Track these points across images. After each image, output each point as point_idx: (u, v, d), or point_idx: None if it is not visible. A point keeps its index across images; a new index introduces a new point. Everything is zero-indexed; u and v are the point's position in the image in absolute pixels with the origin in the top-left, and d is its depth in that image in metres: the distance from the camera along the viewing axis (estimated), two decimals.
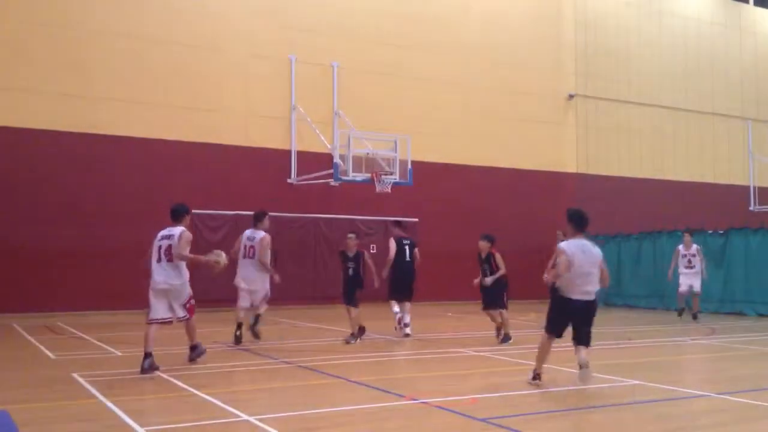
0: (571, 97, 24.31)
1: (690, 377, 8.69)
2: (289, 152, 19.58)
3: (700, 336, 13.26)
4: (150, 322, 8.78)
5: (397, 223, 13.50)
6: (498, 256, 11.84)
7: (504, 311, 11.75)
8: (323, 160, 18.87)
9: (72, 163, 17.13)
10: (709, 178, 27.02)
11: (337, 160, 17.50)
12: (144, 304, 17.62)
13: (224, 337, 12.46)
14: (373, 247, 19.53)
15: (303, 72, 19.78)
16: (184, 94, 18.42)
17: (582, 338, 7.78)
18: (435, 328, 14.13)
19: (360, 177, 17.44)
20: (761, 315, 17.22)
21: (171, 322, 9.02)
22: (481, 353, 10.41)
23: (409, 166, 17.88)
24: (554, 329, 7.86)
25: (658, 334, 13.42)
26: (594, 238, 22.39)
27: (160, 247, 9.03)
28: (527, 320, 16.21)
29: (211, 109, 18.70)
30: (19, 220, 16.39)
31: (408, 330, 12.34)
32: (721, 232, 18.86)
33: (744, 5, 28.93)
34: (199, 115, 18.56)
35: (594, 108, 24.78)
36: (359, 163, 17.42)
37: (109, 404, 6.65)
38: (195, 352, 9.43)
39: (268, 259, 12.20)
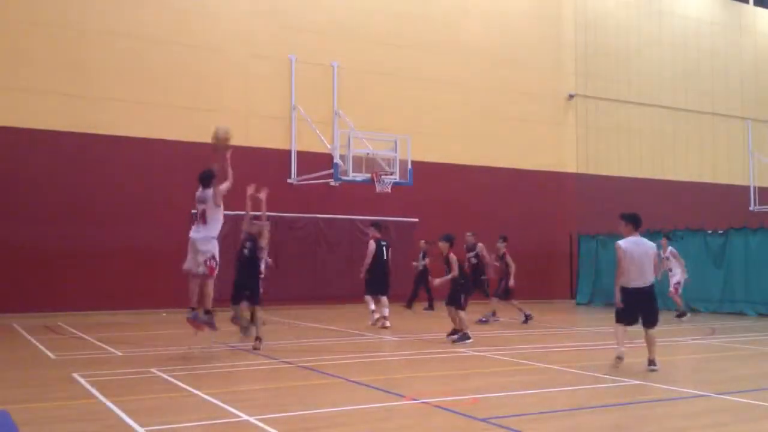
0: (571, 97, 24.32)
1: (690, 377, 8.69)
2: (289, 152, 19.58)
3: (700, 336, 13.26)
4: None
5: (375, 225, 14.76)
6: (452, 257, 12.14)
7: (461, 312, 11.79)
8: (323, 160, 18.87)
9: (72, 163, 17.13)
10: (709, 178, 27.02)
11: (337, 160, 17.50)
12: (143, 304, 17.54)
13: (224, 337, 12.45)
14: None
15: (303, 72, 19.78)
16: (184, 94, 18.42)
17: (648, 321, 8.99)
18: (435, 328, 14.13)
19: (360, 177, 17.45)
20: (761, 315, 17.22)
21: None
22: (481, 353, 10.41)
23: (409, 166, 17.89)
24: (622, 319, 9.07)
25: (658, 334, 13.40)
26: (594, 238, 22.47)
27: (199, 210, 10.34)
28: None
29: (211, 109, 18.70)
30: (19, 220, 16.39)
31: (387, 323, 13.63)
32: (721, 232, 18.86)
33: (744, 5, 28.94)
34: (199, 115, 18.56)
35: (594, 108, 24.78)
36: (359, 163, 17.42)
37: (109, 404, 6.65)
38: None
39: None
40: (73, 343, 11.77)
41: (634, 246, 8.90)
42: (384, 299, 13.87)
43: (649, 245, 9.02)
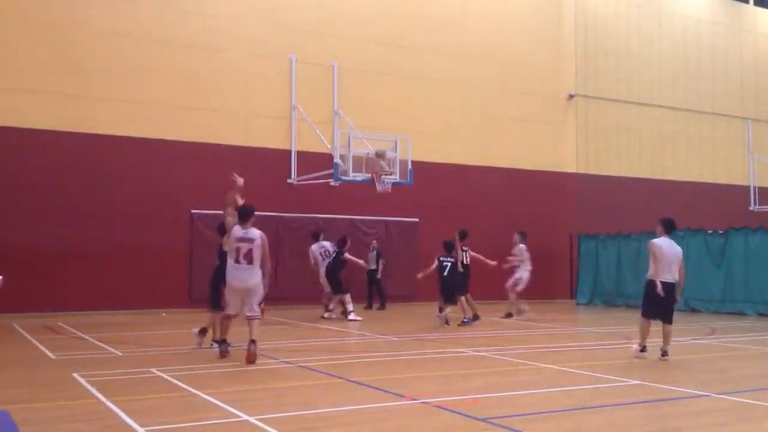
0: (571, 97, 24.31)
1: (690, 377, 8.69)
2: (289, 152, 19.58)
3: (700, 336, 13.26)
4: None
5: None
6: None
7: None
8: (323, 160, 18.87)
9: (72, 163, 17.13)
10: (709, 178, 27.02)
11: (337, 160, 17.50)
12: (143, 304, 17.52)
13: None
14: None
15: (303, 72, 19.78)
16: (184, 94, 18.41)
17: (668, 316, 10.04)
18: (434, 328, 14.13)
19: (360, 177, 17.44)
20: (761, 315, 17.22)
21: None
22: (481, 353, 10.41)
23: (409, 166, 17.88)
24: (648, 312, 10.13)
25: (658, 334, 13.40)
26: (594, 238, 22.46)
27: (240, 248, 9.52)
28: (528, 320, 16.22)
29: (211, 109, 18.71)
30: (19, 220, 16.39)
31: (352, 316, 15.62)
32: (721, 232, 18.86)
33: (744, 5, 28.94)
34: (199, 115, 18.56)
35: (594, 108, 24.78)
36: (359, 163, 17.42)
37: (109, 404, 6.65)
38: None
39: None
40: (73, 343, 11.77)
41: (667, 245, 9.99)
42: (337, 297, 16.16)
43: (678, 248, 10.12)
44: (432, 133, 21.28)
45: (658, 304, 9.98)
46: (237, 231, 9.48)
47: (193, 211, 18.28)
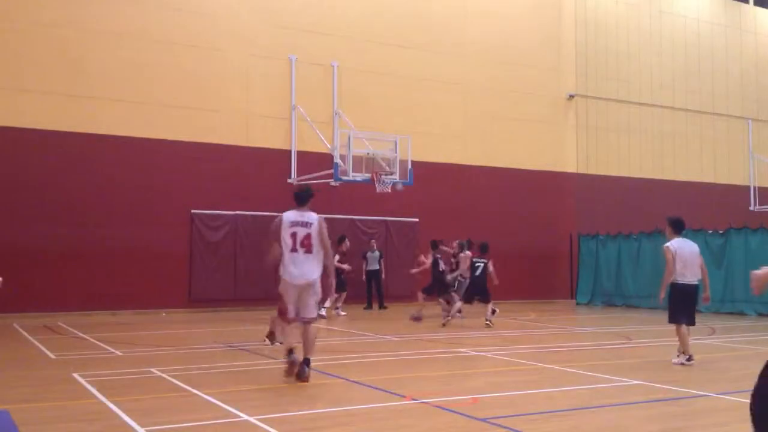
0: (571, 97, 24.31)
1: (690, 377, 8.69)
2: (289, 152, 19.58)
3: (700, 336, 13.25)
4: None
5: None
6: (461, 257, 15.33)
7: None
8: (323, 160, 18.87)
9: (72, 163, 17.13)
10: (709, 178, 27.02)
11: (337, 160, 17.50)
12: (143, 304, 17.54)
13: (225, 337, 12.46)
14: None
15: (303, 72, 19.78)
16: (184, 94, 18.42)
17: (692, 319, 9.66)
18: (435, 328, 14.13)
19: (360, 177, 17.44)
20: (761, 315, 17.22)
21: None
22: (481, 353, 10.41)
23: (409, 166, 17.88)
24: (677, 317, 9.57)
25: (658, 334, 13.41)
26: (594, 238, 22.45)
27: (295, 234, 8.01)
28: (528, 320, 16.22)
29: (211, 109, 18.71)
30: (19, 220, 16.40)
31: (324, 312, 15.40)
32: (721, 232, 18.85)
33: (744, 5, 28.94)
34: (199, 115, 18.56)
35: (594, 108, 24.78)
36: (359, 163, 17.42)
37: (109, 404, 6.65)
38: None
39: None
40: (73, 343, 11.77)
41: (682, 245, 9.62)
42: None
43: (694, 246, 9.71)
44: (432, 133, 21.29)
45: (686, 307, 9.60)
46: (290, 215, 8.11)
47: (193, 211, 18.28)
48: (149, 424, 5.86)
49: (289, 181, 19.47)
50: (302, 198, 8.33)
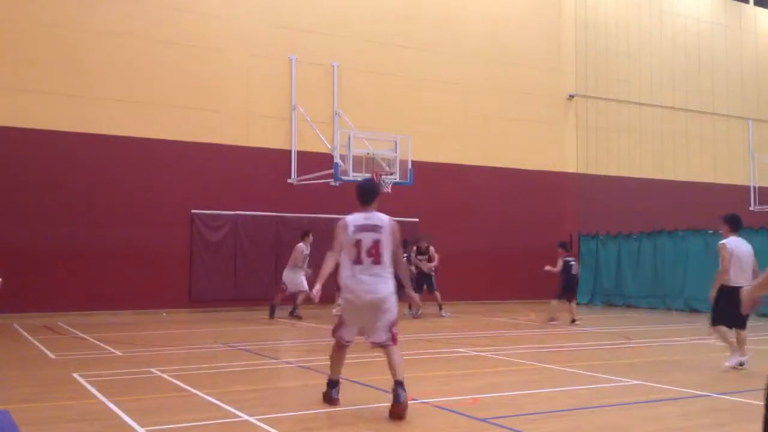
0: (571, 97, 24.31)
1: (690, 377, 8.68)
2: (289, 152, 19.57)
3: (701, 336, 13.25)
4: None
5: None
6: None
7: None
8: (323, 160, 18.85)
9: (72, 163, 17.12)
10: (709, 178, 27.01)
11: (337, 160, 17.49)
12: (144, 304, 17.53)
13: (225, 337, 12.46)
14: None
15: (303, 72, 19.78)
16: (184, 94, 18.41)
17: (743, 322, 9.18)
18: (434, 328, 14.13)
19: (360, 177, 17.42)
20: (762, 315, 17.21)
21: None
22: (481, 353, 10.41)
23: (410, 166, 17.87)
24: (720, 320, 9.17)
25: (658, 334, 13.42)
26: (594, 238, 22.43)
27: (360, 241, 6.52)
28: (528, 320, 16.22)
29: (211, 109, 18.70)
30: (19, 220, 16.39)
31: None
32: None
33: (744, 5, 28.93)
34: (199, 115, 18.56)
35: (594, 108, 24.78)
36: (359, 163, 17.41)
37: (109, 404, 6.66)
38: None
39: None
40: (73, 343, 11.78)
41: (738, 244, 9.24)
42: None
43: (749, 246, 9.35)
44: (432, 133, 21.28)
45: (733, 311, 8.89)
46: (356, 218, 6.60)
47: (193, 211, 18.28)
48: (149, 424, 5.86)
49: (289, 181, 19.47)
50: (368, 194, 6.70)
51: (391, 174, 17.48)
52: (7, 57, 16.72)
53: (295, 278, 16.29)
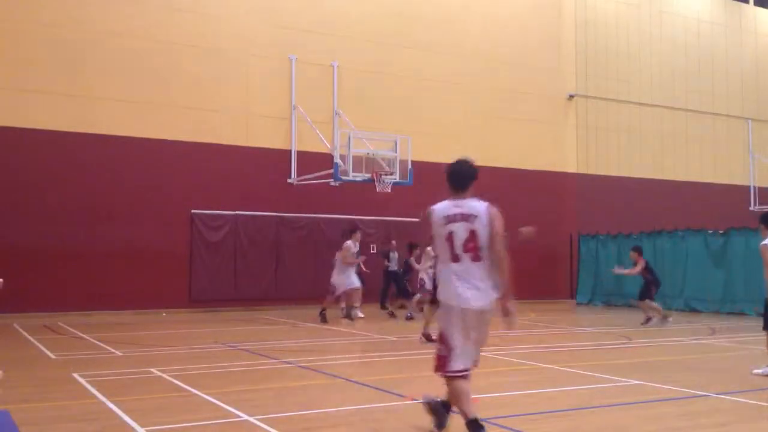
0: (571, 97, 24.31)
1: (690, 377, 8.67)
2: (289, 152, 19.58)
3: (701, 336, 13.26)
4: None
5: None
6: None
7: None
8: (323, 160, 18.86)
9: (72, 163, 17.13)
10: (709, 178, 27.01)
11: (337, 160, 17.49)
12: (144, 304, 17.43)
13: (225, 337, 12.46)
14: (373, 247, 19.55)
15: (303, 72, 19.78)
16: (184, 94, 18.42)
17: None
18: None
19: (360, 177, 17.44)
20: (762, 315, 17.17)
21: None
22: (482, 353, 10.39)
23: (410, 166, 17.87)
24: None
25: (658, 334, 13.42)
26: (594, 238, 22.43)
27: (453, 234, 5.32)
28: (529, 320, 16.22)
29: (211, 109, 18.70)
30: (19, 220, 16.40)
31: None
32: (721, 232, 18.84)
33: (744, 5, 28.93)
34: (199, 115, 18.56)
35: (594, 108, 24.78)
36: (359, 163, 17.41)
37: (109, 404, 6.66)
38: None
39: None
40: (73, 343, 11.78)
41: None
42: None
43: None
44: (432, 133, 21.27)
45: None
46: (444, 207, 5.47)
47: (193, 211, 18.28)
48: (149, 424, 5.86)
49: (289, 181, 19.48)
50: (461, 178, 5.55)
51: (391, 174, 17.49)
52: (7, 57, 16.73)
53: (345, 278, 15.45)
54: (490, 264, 5.27)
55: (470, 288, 5.20)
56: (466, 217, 5.35)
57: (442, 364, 5.24)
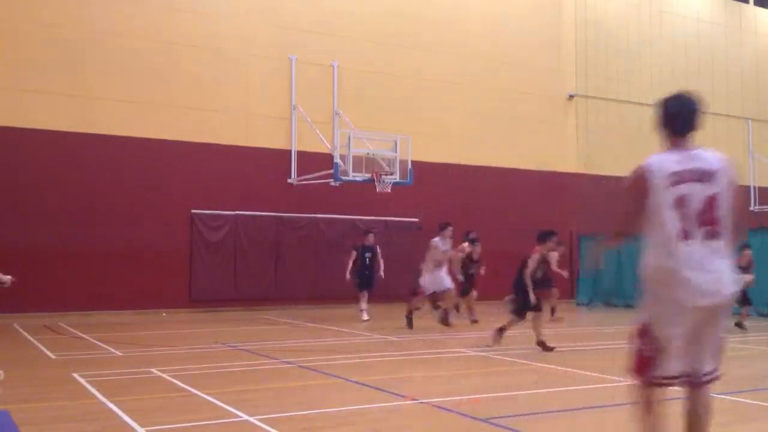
0: (571, 97, 24.30)
1: None
2: (289, 152, 19.57)
3: None
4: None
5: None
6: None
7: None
8: (323, 160, 18.85)
9: (72, 163, 17.13)
10: None
11: (337, 160, 17.49)
12: (143, 304, 17.41)
13: (225, 337, 12.46)
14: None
15: (303, 72, 19.77)
16: (184, 94, 18.42)
17: None
18: (435, 328, 14.12)
19: (360, 177, 17.44)
20: (762, 315, 17.20)
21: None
22: (482, 353, 10.41)
23: (410, 166, 17.87)
24: None
25: None
26: (594, 238, 22.33)
27: (683, 200, 3.94)
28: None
29: (211, 109, 18.70)
30: (19, 219, 16.40)
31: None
32: None
33: (744, 5, 28.93)
34: (199, 115, 18.56)
35: (594, 108, 24.78)
36: (359, 163, 17.41)
37: (109, 404, 6.66)
38: None
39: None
40: (73, 343, 11.78)
41: None
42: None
43: None
44: (432, 133, 21.26)
45: None
46: (666, 160, 4.20)
47: (193, 211, 18.28)
48: (149, 424, 5.86)
49: (289, 181, 19.47)
50: (686, 119, 4.32)
51: (391, 174, 17.48)
52: (6, 57, 16.72)
53: (436, 278, 14.00)
54: (727, 242, 3.94)
55: (705, 275, 3.85)
56: (702, 175, 3.94)
57: (648, 364, 4.06)
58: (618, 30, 25.62)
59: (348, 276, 15.69)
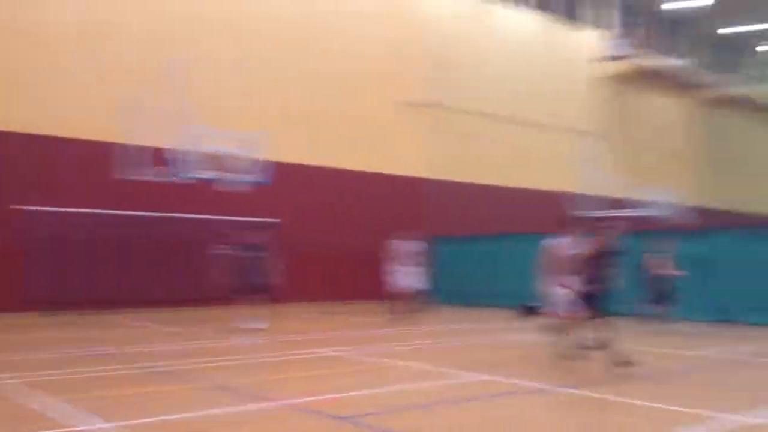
0: (417, 104, 25.10)
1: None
2: (128, 147, 17.86)
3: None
4: None
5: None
6: None
7: None
8: (166, 157, 17.75)
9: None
10: (537, 185, 28.86)
11: (180, 156, 16.59)
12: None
13: (66, 342, 11.67)
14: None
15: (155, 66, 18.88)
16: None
17: None
18: (298, 328, 14.04)
19: (208, 175, 16.84)
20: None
21: None
22: (343, 353, 10.47)
23: (262, 164, 17.33)
24: None
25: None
26: (448, 240, 22.92)
27: None
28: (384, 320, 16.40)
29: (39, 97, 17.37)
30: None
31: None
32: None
33: (565, 27, 31.40)
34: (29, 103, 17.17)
35: (443, 116, 25.82)
36: (207, 160, 16.75)
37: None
38: None
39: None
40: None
41: None
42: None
43: None
44: (291, 136, 21.27)
45: None
46: None
47: (12, 206, 16.75)
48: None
49: (127, 177, 17.93)
50: None
51: (243, 172, 16.98)
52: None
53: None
54: None
55: None
56: None
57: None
58: (459, 43, 27.03)
59: (221, 278, 14.05)
